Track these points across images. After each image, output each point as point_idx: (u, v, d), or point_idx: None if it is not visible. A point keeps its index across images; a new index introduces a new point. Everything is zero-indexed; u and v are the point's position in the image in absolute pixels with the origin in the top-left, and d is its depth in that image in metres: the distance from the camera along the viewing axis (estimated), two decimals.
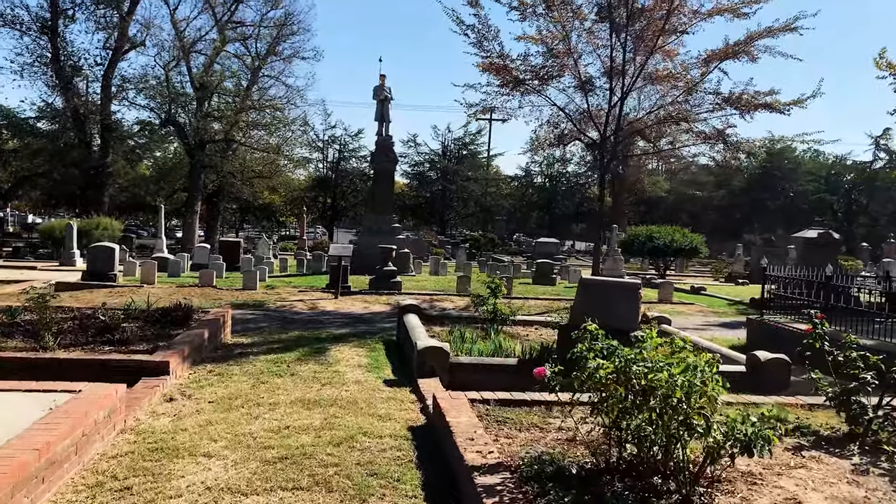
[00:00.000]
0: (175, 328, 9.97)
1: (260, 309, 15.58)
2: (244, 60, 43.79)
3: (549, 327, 12.08)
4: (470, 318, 12.00)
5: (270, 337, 11.82)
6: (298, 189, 57.93)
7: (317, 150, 61.10)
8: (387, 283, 19.00)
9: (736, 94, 17.80)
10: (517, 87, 18.48)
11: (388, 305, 17.00)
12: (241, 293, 17.84)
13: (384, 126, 25.67)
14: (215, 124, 42.15)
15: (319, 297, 17.89)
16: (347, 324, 13.98)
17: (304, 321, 14.13)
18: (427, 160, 64.92)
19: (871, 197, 66.40)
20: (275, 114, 43.15)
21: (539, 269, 24.17)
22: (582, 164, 70.58)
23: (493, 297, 10.71)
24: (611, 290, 9.13)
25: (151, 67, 40.76)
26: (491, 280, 10.95)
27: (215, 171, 42.03)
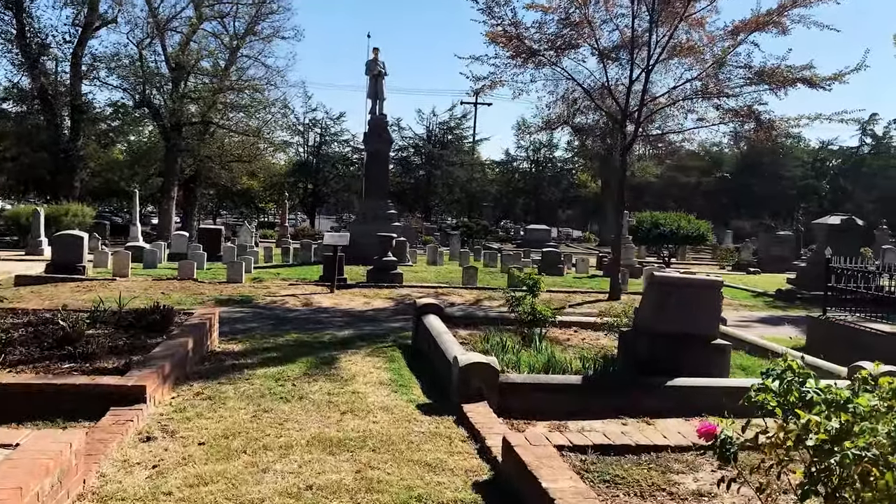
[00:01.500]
0: (153, 335, 8.23)
1: (248, 306, 13.81)
2: (222, 39, 41.76)
3: (589, 328, 10.46)
4: (500, 320, 10.33)
5: (265, 342, 10.08)
6: (278, 174, 56.01)
7: (297, 134, 59.09)
8: (387, 276, 17.28)
9: (770, 68, 16.20)
10: (531, 59, 16.73)
11: (391, 300, 15.30)
12: (225, 287, 16.03)
13: (378, 104, 23.82)
14: (192, 106, 40.22)
15: (313, 290, 16.13)
16: (350, 323, 12.26)
17: (300, 320, 12.39)
18: (412, 145, 63.07)
19: (856, 183, 65.68)
20: (254, 95, 41.31)
21: (546, 258, 22.57)
22: (569, 149, 69.43)
23: (532, 295, 9.05)
24: (688, 291, 7.52)
25: (124, 46, 38.52)
26: (527, 276, 9.30)
27: (192, 155, 40.00)
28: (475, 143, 68.46)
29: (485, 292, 16.98)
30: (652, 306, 7.54)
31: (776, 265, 28.92)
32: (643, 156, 68.13)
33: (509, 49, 17.10)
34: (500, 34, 16.94)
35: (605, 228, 59.04)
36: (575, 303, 16.11)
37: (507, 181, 68.48)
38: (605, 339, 9.96)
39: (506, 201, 69.07)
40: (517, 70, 17.31)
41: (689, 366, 7.32)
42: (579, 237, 64.48)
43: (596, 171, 63.79)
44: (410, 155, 63.36)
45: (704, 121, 17.18)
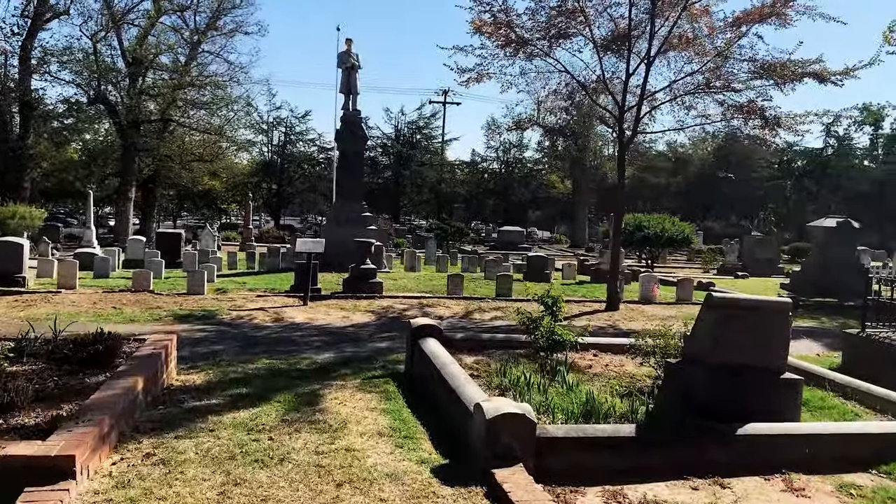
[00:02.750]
0: (94, 371, 6.70)
1: (212, 322, 12.21)
2: (182, 34, 39.97)
3: (609, 352, 9.12)
4: (508, 342, 8.93)
5: (232, 370, 8.55)
6: (242, 174, 54.21)
7: (261, 133, 57.31)
8: (365, 285, 15.77)
9: (777, 62, 15.08)
10: (521, 49, 15.37)
11: (373, 314, 13.81)
12: (185, 299, 14.38)
13: (351, 99, 22.23)
14: (151, 103, 38.35)
15: (284, 303, 14.55)
16: (329, 344, 10.75)
17: (271, 340, 10.85)
18: (380, 145, 61.54)
19: (821, 184, 65.88)
20: (216, 92, 39.51)
21: (531, 264, 21.22)
22: (539, 150, 68.61)
23: (552, 317, 7.66)
24: (755, 315, 6.18)
25: (77, 39, 36.33)
26: (545, 293, 7.87)
27: (151, 155, 38.12)
28: (444, 143, 67.20)
29: (473, 302, 15.59)
30: (709, 333, 6.20)
31: (762, 269, 28.02)
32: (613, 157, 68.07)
33: (496, 39, 15.75)
34: (488, 23, 15.58)
35: (577, 230, 58.22)
36: (572, 314, 14.77)
37: (476, 182, 67.29)
38: (630, 363, 8.63)
39: (475, 202, 67.87)
40: (506, 61, 15.96)
41: (755, 405, 6.03)
42: (549, 238, 63.55)
43: (566, 171, 62.99)
44: (378, 155, 61.91)
45: (707, 117, 15.96)
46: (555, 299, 7.63)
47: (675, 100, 15.80)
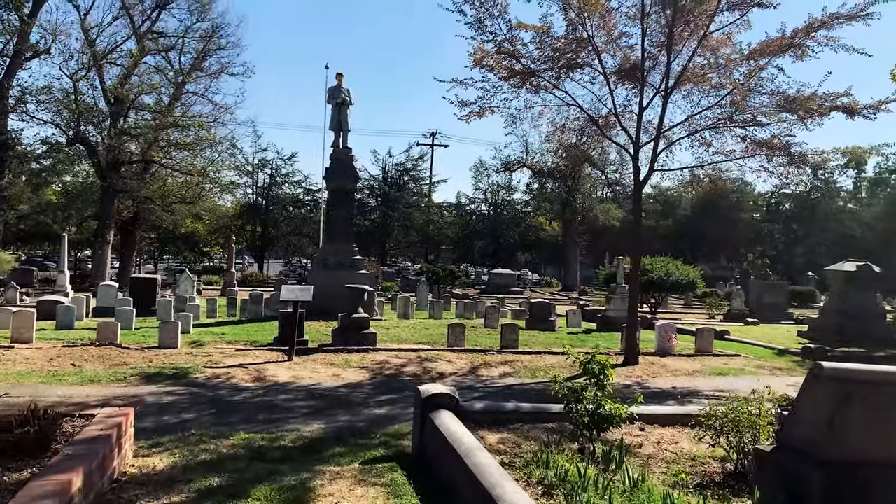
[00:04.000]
0: (18, 464, 5.18)
1: (183, 383, 10.64)
2: (166, 74, 38.96)
3: (657, 423, 7.65)
4: (536, 413, 7.44)
5: (203, 450, 7.03)
6: (225, 216, 52.81)
7: (246, 174, 55.99)
8: (357, 336, 14.23)
9: (803, 95, 13.96)
10: (527, 81, 14.16)
11: (367, 371, 12.27)
12: (156, 355, 12.79)
13: (342, 136, 20.90)
14: (132, 144, 37.14)
15: (266, 358, 12.98)
16: (318, 410, 9.22)
17: (250, 406, 9.31)
18: (367, 186, 60.39)
19: (810, 226, 65.56)
20: (200, 132, 38.32)
21: (534, 311, 19.74)
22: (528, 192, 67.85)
23: (599, 387, 6.20)
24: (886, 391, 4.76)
25: (58, 78, 35.17)
26: (591, 356, 6.41)
27: (131, 196, 36.75)
28: (432, 184, 66.25)
29: (477, 356, 14.09)
30: (822, 416, 4.78)
31: (770, 314, 26.76)
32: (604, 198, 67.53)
33: (499, 71, 14.56)
34: (490, 54, 14.40)
35: (569, 273, 56.99)
36: None
37: (464, 224, 66.23)
38: (684, 439, 7.18)
39: (464, 244, 66.70)
40: (510, 94, 14.74)
41: None
42: (539, 281, 62.29)
43: (556, 213, 62.06)
44: (365, 196, 60.75)
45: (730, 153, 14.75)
46: (602, 365, 6.20)
47: (695, 135, 14.57)
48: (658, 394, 11.49)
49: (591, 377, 6.26)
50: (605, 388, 6.22)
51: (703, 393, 11.60)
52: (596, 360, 6.25)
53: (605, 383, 6.22)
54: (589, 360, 6.28)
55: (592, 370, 6.22)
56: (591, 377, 6.24)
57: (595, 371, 6.21)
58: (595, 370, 6.22)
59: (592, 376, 6.23)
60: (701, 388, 11.94)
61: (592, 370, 6.22)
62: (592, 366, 6.22)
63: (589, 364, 6.26)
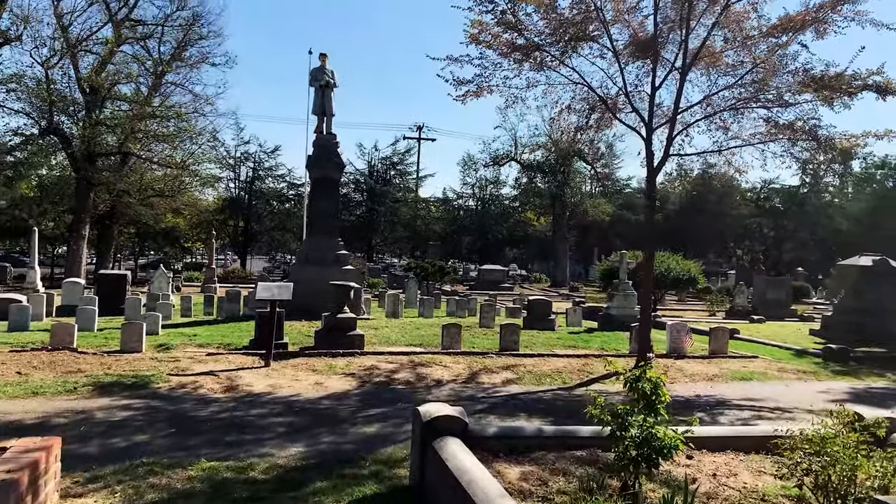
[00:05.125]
0: None
1: (142, 395, 9.26)
2: (144, 64, 37.34)
3: (706, 449, 6.35)
4: (559, 441, 6.10)
5: (150, 487, 5.71)
6: (206, 211, 51.15)
7: (228, 168, 54.27)
8: (342, 339, 12.85)
9: (829, 74, 12.73)
10: (529, 57, 12.84)
11: (353, 378, 10.92)
12: (116, 360, 11.38)
13: (326, 121, 19.47)
14: (109, 136, 35.54)
15: (240, 363, 11.60)
16: (298, 430, 7.86)
17: (218, 425, 7.95)
18: (352, 180, 58.86)
19: (799, 222, 65.01)
20: (179, 124, 36.78)
21: (533, 309, 18.44)
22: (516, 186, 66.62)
23: (650, 411, 4.88)
24: None
25: (29, 66, 33.41)
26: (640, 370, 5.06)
27: (107, 190, 35.18)
28: (419, 179, 64.87)
29: (475, 359, 12.77)
30: None
31: (774, 311, 25.62)
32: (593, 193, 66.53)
33: (498, 47, 13.22)
34: (488, 27, 13.06)
35: (558, 269, 55.79)
36: (598, 374, 12.05)
37: (452, 219, 64.96)
38: (743, 470, 5.90)
39: (451, 240, 65.37)
40: (510, 72, 13.40)
41: None
42: (528, 277, 61.12)
43: (545, 209, 60.92)
44: (351, 191, 59.22)
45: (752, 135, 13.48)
46: (655, 383, 4.88)
47: (715, 116, 13.29)
48: (682, 403, 10.22)
49: (640, 398, 4.94)
50: (660, 413, 4.91)
51: (732, 402, 10.35)
52: (646, 377, 4.93)
53: (659, 406, 4.91)
54: (637, 378, 4.96)
55: (642, 389, 4.90)
56: (641, 398, 4.93)
57: (645, 391, 4.90)
58: (645, 389, 4.90)
59: (643, 397, 4.92)
60: (728, 397, 10.68)
61: (642, 389, 4.90)
62: (643, 385, 4.90)
63: (638, 382, 4.94)
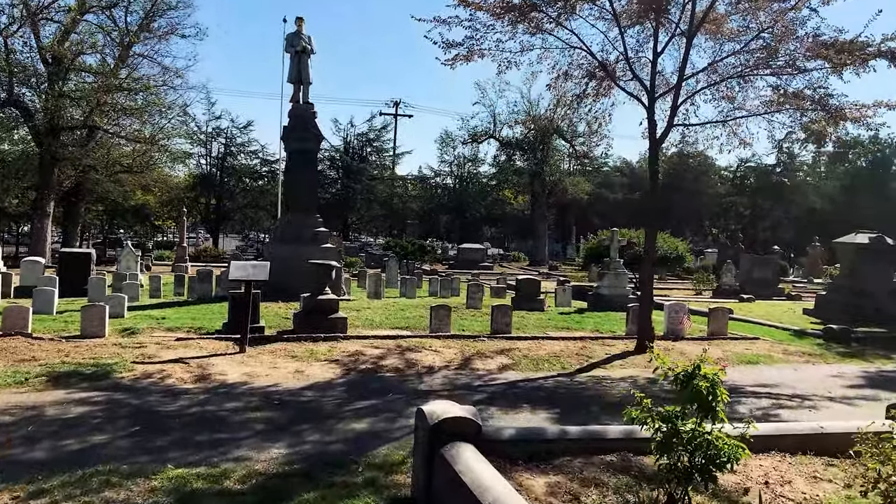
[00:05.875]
0: None
1: (102, 386, 8.30)
2: (110, 34, 35.70)
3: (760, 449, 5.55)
4: (585, 444, 5.28)
5: (105, 502, 4.80)
6: (177, 188, 49.75)
7: (199, 144, 52.65)
8: (323, 321, 11.94)
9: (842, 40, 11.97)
10: (524, 17, 11.92)
11: (337, 365, 10.03)
12: (75, 346, 10.39)
13: (302, 90, 18.36)
14: (73, 109, 34.06)
15: (213, 349, 10.66)
16: (279, 427, 6.98)
17: (188, 422, 7.05)
18: (327, 157, 57.47)
19: (774, 200, 65.32)
20: (148, 97, 35.36)
21: (522, 289, 17.64)
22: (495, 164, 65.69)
23: (707, 414, 4.07)
24: None
25: None
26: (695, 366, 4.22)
27: (73, 165, 33.77)
28: (396, 156, 63.65)
29: (467, 343, 11.94)
30: None
31: (761, 289, 25.07)
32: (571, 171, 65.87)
33: (489, 9, 12.27)
34: None
35: (537, 248, 55.10)
36: (598, 359, 11.29)
37: (429, 197, 63.98)
38: (797, 476, 5.13)
39: (429, 218, 64.44)
40: (503, 35, 12.46)
41: None
42: (506, 256, 60.47)
43: (525, 186, 60.14)
44: (326, 168, 57.81)
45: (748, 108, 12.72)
46: (713, 383, 4.07)
47: (721, 84, 12.48)
48: None
49: (694, 399, 4.12)
50: (718, 417, 4.10)
51: (746, 389, 9.63)
52: (702, 374, 4.11)
53: (719, 409, 4.10)
54: (691, 374, 4.14)
55: (697, 390, 4.08)
56: (695, 400, 4.11)
57: (701, 391, 4.07)
58: (701, 389, 4.08)
59: (696, 399, 4.10)
60: (740, 383, 9.95)
61: (697, 390, 4.08)
62: (698, 383, 4.08)
63: (691, 380, 4.12)
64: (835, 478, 5.17)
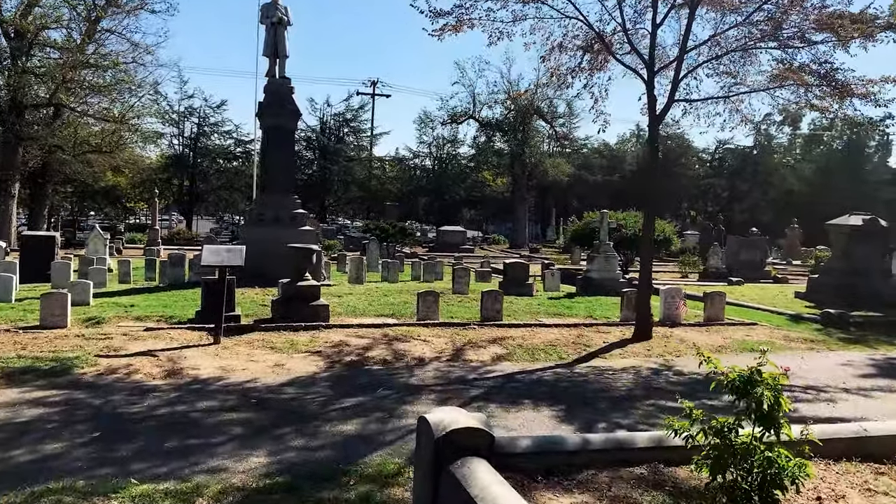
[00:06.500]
0: None
1: (61, 383, 7.52)
2: (76, 8, 34.31)
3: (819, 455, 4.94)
4: (613, 457, 4.63)
5: None
6: (149, 169, 48.44)
7: (171, 124, 51.26)
8: (304, 309, 11.19)
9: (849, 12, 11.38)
10: None
11: (319, 357, 9.31)
12: (33, 339, 9.56)
13: (278, 63, 17.43)
14: (39, 87, 32.83)
15: (185, 341, 9.87)
16: (258, 430, 6.26)
17: (157, 425, 6.31)
18: (303, 138, 56.32)
19: (752, 182, 65.60)
20: (117, 74, 34.12)
21: (511, 273, 16.99)
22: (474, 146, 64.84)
23: (769, 426, 3.44)
24: None
25: None
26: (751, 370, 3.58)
27: (38, 145, 32.53)
28: (373, 137, 62.63)
29: (457, 332, 11.27)
30: None
31: (748, 272, 24.69)
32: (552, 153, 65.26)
33: None
34: None
35: (518, 230, 54.52)
36: (596, 348, 10.69)
37: (408, 179, 63.07)
38: (849, 488, 4.52)
39: (408, 200, 63.57)
40: (494, 3, 11.69)
41: None
42: (486, 238, 59.88)
43: (505, 168, 59.42)
44: (303, 149, 56.68)
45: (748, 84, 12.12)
46: (776, 389, 3.43)
47: (724, 57, 11.82)
48: (700, 382, 8.92)
49: (752, 409, 3.48)
50: (782, 431, 3.46)
51: None
52: (760, 380, 3.47)
53: (781, 422, 3.46)
54: (749, 380, 3.50)
55: (755, 398, 3.43)
56: (753, 410, 3.47)
57: (758, 400, 3.42)
58: (759, 397, 3.43)
59: (755, 409, 3.45)
60: None
61: (755, 398, 3.43)
62: (760, 391, 3.44)
63: (751, 387, 3.48)
64: (890, 490, 4.58)
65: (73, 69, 31.53)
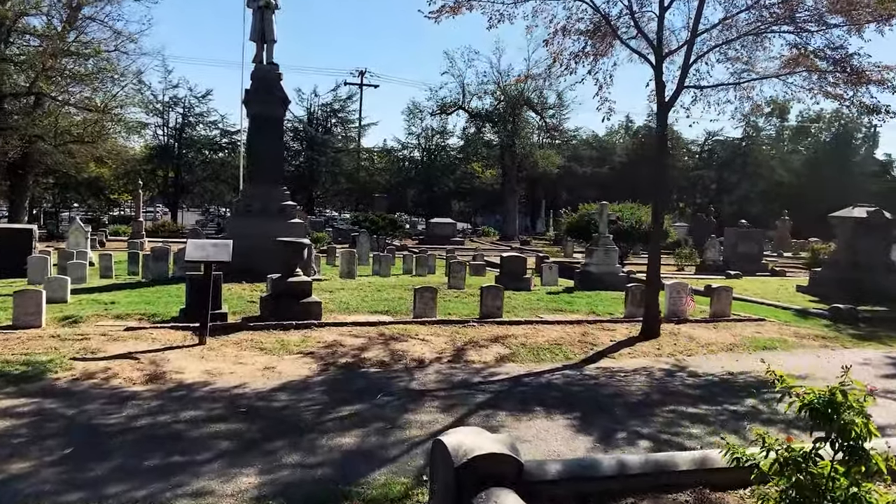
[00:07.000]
0: None
1: (31, 391, 6.90)
2: None
3: None
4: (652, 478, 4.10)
5: None
6: (133, 160, 47.53)
7: (155, 114, 50.31)
8: (294, 306, 10.59)
9: None
10: None
11: (312, 359, 8.71)
12: (5, 338, 8.91)
13: (266, 49, 16.75)
14: (18, 75, 32.03)
15: (168, 342, 9.25)
16: (248, 444, 5.69)
17: (136, 439, 5.72)
18: (290, 129, 55.44)
19: (742, 174, 65.59)
20: (99, 63, 33.37)
21: (507, 267, 16.43)
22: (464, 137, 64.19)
23: (858, 461, 2.91)
24: None
25: None
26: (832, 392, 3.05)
27: (18, 135, 31.71)
28: (361, 128, 61.84)
29: (456, 330, 10.70)
30: None
31: (746, 265, 24.26)
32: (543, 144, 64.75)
33: None
34: None
35: (508, 223, 54.02)
36: (604, 347, 10.16)
37: (396, 170, 62.36)
38: None
39: (396, 192, 62.88)
40: None
41: None
42: (476, 230, 59.41)
43: (495, 159, 58.84)
44: (290, 140, 55.80)
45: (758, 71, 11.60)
46: (865, 415, 2.89)
47: (735, 41, 11.28)
48: (716, 384, 8.42)
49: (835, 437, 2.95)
50: (872, 465, 2.94)
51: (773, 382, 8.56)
52: (844, 402, 2.94)
53: (875, 456, 2.93)
54: (831, 402, 2.96)
55: (840, 425, 2.90)
56: (836, 439, 2.93)
57: (845, 428, 2.89)
58: (846, 425, 2.90)
59: (840, 438, 2.92)
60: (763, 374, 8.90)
61: (840, 425, 2.90)
62: (844, 417, 2.91)
63: (832, 409, 2.95)
64: None
65: (54, 57, 30.76)
